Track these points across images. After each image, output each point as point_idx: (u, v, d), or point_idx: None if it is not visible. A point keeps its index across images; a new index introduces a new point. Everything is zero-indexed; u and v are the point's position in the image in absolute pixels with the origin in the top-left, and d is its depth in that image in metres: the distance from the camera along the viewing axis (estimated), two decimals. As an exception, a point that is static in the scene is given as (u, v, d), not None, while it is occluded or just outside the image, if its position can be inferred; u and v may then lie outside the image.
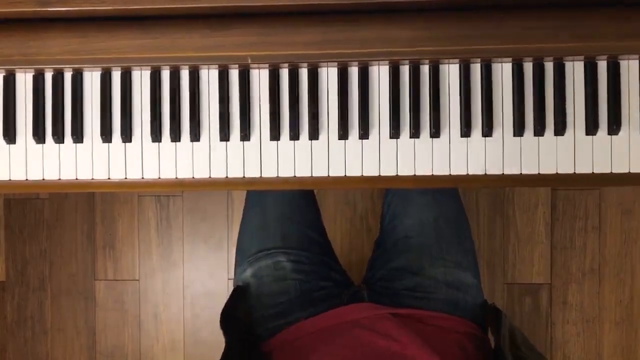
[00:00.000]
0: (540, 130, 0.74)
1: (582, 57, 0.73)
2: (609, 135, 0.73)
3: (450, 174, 0.75)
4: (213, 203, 1.51)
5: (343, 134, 0.75)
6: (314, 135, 0.75)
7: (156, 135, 0.76)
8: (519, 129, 0.74)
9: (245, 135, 0.75)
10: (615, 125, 0.73)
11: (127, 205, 1.52)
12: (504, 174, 0.74)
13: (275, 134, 0.75)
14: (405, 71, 0.75)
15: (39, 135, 0.77)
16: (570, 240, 1.46)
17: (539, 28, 0.70)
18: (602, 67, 0.73)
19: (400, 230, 0.89)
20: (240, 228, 0.95)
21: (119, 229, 1.53)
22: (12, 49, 0.69)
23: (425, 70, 0.74)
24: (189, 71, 0.75)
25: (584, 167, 0.74)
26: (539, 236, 1.47)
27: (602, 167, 0.74)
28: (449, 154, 0.74)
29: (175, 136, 0.76)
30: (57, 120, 0.76)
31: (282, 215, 0.91)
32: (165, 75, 0.76)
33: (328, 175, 0.76)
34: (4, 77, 0.76)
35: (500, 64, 0.74)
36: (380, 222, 0.98)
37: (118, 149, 0.77)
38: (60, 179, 0.77)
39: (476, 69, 0.74)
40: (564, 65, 0.73)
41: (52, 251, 1.54)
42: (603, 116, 0.73)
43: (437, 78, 0.74)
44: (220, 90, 0.75)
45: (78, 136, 0.76)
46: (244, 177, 0.76)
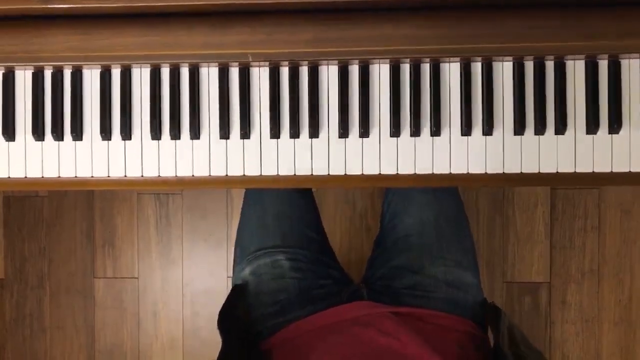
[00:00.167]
0: (540, 129, 0.73)
1: (583, 56, 0.73)
2: (610, 135, 0.73)
3: (451, 173, 0.74)
4: (212, 201, 1.51)
5: (343, 133, 0.75)
6: (314, 133, 0.75)
7: (156, 133, 0.76)
8: (519, 127, 0.74)
9: (245, 133, 0.75)
10: (615, 125, 0.73)
11: (127, 203, 1.52)
12: (504, 172, 0.74)
13: (275, 132, 0.75)
14: (405, 69, 0.74)
15: (38, 133, 0.76)
16: (569, 240, 1.47)
17: (540, 27, 0.70)
18: (603, 66, 0.73)
19: (401, 229, 0.89)
20: (238, 227, 0.95)
21: (118, 227, 1.53)
22: (14, 45, 0.69)
23: (426, 69, 0.74)
24: (189, 69, 0.75)
25: (584, 166, 0.74)
26: (539, 236, 1.47)
27: (602, 166, 0.74)
28: (449, 153, 0.74)
29: (175, 134, 0.76)
30: (57, 118, 0.76)
31: (281, 213, 0.91)
32: (165, 73, 0.76)
33: (328, 174, 0.76)
34: (3, 74, 0.76)
35: (501, 63, 0.74)
36: (380, 221, 0.98)
37: (118, 147, 0.76)
38: (59, 176, 0.77)
39: (477, 68, 0.74)
40: (565, 64, 0.73)
41: (51, 249, 1.54)
42: (604, 115, 0.73)
43: (438, 76, 0.74)
44: (220, 88, 0.75)
45: (77, 134, 0.76)
46: (244, 175, 0.76)
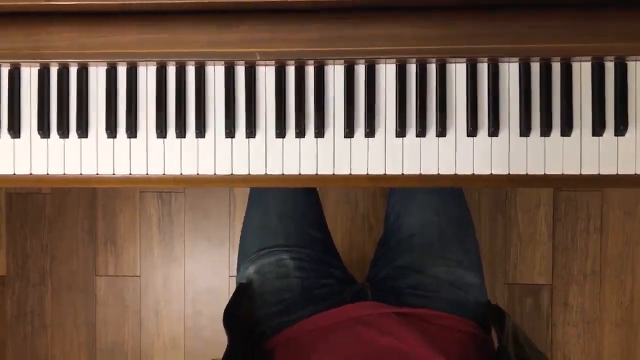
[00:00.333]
0: (546, 131, 0.73)
1: (589, 58, 0.73)
2: (616, 137, 0.73)
3: (456, 174, 0.74)
4: (215, 200, 1.51)
5: (349, 132, 0.75)
6: (319, 133, 0.75)
7: (161, 131, 0.76)
8: (525, 129, 0.73)
9: (251, 132, 0.75)
10: (622, 127, 0.73)
11: (129, 201, 1.52)
12: (510, 174, 0.74)
13: (280, 132, 0.75)
14: (412, 69, 0.74)
15: (43, 130, 0.76)
16: (572, 242, 1.47)
17: (546, 28, 0.70)
18: (610, 68, 0.73)
19: (405, 229, 0.89)
20: (242, 226, 0.95)
21: (120, 225, 1.53)
22: (21, 42, 0.69)
23: (432, 69, 0.74)
24: (195, 67, 0.75)
25: (590, 168, 0.74)
26: (541, 237, 1.47)
27: (608, 168, 0.73)
28: (455, 154, 0.74)
29: (181, 132, 0.76)
30: (62, 115, 0.76)
31: (285, 213, 0.91)
32: (172, 71, 0.76)
33: (333, 174, 0.76)
34: (9, 70, 0.76)
35: (507, 64, 0.74)
36: (384, 221, 0.98)
37: (123, 145, 0.76)
38: (64, 173, 0.77)
39: (483, 68, 0.74)
40: (571, 65, 0.73)
41: (53, 246, 1.54)
42: (610, 117, 0.73)
43: (444, 77, 0.74)
44: (226, 87, 0.75)
45: (83, 131, 0.76)
46: (249, 174, 0.76)
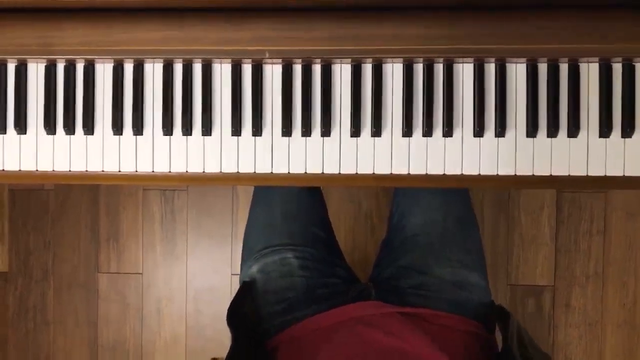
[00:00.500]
0: (553, 132, 0.73)
1: (597, 59, 0.73)
2: (623, 138, 0.73)
3: (462, 174, 0.74)
4: (218, 198, 1.51)
5: (355, 132, 0.75)
6: (326, 132, 0.75)
7: (168, 129, 0.76)
8: (532, 130, 0.73)
9: (257, 130, 0.75)
10: (629, 129, 0.72)
11: (132, 198, 1.52)
12: (516, 174, 0.74)
13: (287, 130, 0.75)
14: (419, 69, 0.74)
15: (50, 126, 0.76)
16: (574, 243, 1.46)
17: (554, 28, 0.69)
18: (617, 70, 0.73)
19: (409, 229, 0.89)
20: (247, 225, 0.95)
21: (123, 222, 1.53)
22: (30, 38, 0.69)
23: (439, 69, 0.74)
24: (202, 65, 0.75)
25: (596, 170, 0.73)
26: (544, 238, 1.47)
27: (614, 169, 0.73)
28: (461, 154, 0.74)
29: (187, 130, 0.76)
30: (69, 112, 0.76)
31: (289, 212, 0.91)
32: (178, 68, 0.75)
33: (339, 173, 0.76)
34: (16, 67, 0.76)
35: (514, 65, 0.74)
36: (388, 221, 0.98)
37: (129, 142, 0.76)
38: (70, 170, 0.77)
39: (490, 69, 0.74)
40: (579, 66, 0.73)
41: (55, 243, 1.54)
42: (617, 119, 0.73)
43: (451, 77, 0.74)
44: (232, 85, 0.75)
45: (89, 128, 0.76)
46: (255, 172, 0.76)
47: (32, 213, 1.54)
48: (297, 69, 0.75)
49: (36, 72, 0.76)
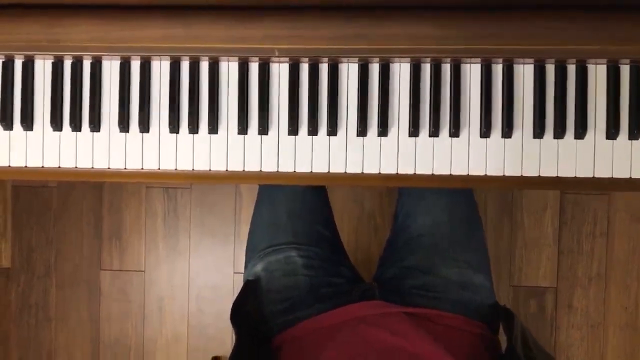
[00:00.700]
0: (560, 133, 0.73)
1: (605, 61, 0.73)
2: (630, 140, 0.73)
3: (469, 174, 0.74)
4: (221, 197, 1.51)
5: (362, 131, 0.75)
6: (332, 131, 0.75)
7: (174, 127, 0.76)
8: (539, 131, 0.73)
9: (264, 129, 0.75)
10: (636, 130, 0.72)
11: (135, 196, 1.52)
12: (522, 175, 0.74)
13: (293, 129, 0.75)
14: (426, 69, 0.74)
15: (56, 123, 0.76)
16: (577, 245, 1.46)
17: (563, 29, 0.69)
18: (625, 71, 0.73)
19: (413, 230, 0.89)
20: (251, 224, 0.95)
21: (126, 220, 1.53)
22: (39, 34, 0.68)
23: (446, 69, 0.74)
24: (209, 63, 0.75)
25: (603, 171, 0.73)
26: (547, 239, 1.47)
27: (621, 171, 0.73)
28: (467, 154, 0.74)
29: (194, 128, 0.75)
30: (75, 108, 0.76)
31: (294, 211, 0.91)
32: (185, 66, 0.75)
33: (345, 172, 0.76)
34: (23, 63, 0.76)
35: (522, 65, 0.74)
36: (393, 221, 0.98)
37: (135, 139, 0.76)
38: (76, 167, 0.77)
39: (498, 70, 0.74)
40: (587, 68, 0.73)
41: (58, 240, 1.54)
42: (624, 121, 0.73)
43: (458, 77, 0.74)
44: (239, 83, 0.75)
45: (95, 125, 0.76)
46: (261, 171, 0.76)
47: (35, 210, 1.54)
48: (304, 68, 0.75)
49: (43, 68, 0.76)
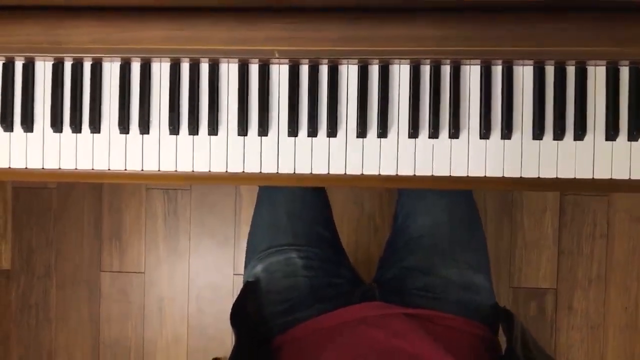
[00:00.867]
0: (559, 135, 0.73)
1: (604, 62, 0.73)
2: (629, 142, 0.73)
3: (468, 176, 0.74)
4: (221, 198, 1.51)
5: (361, 132, 0.75)
6: (332, 132, 0.75)
7: (174, 128, 0.76)
8: (538, 132, 0.73)
9: (263, 130, 0.75)
10: (635, 132, 0.73)
11: (135, 197, 1.52)
12: (521, 177, 0.74)
13: (293, 130, 0.75)
14: (426, 71, 0.74)
15: (56, 125, 0.76)
16: (577, 246, 1.46)
17: (563, 31, 0.69)
18: (625, 73, 0.73)
19: (413, 230, 0.89)
20: (251, 225, 0.95)
21: (126, 221, 1.53)
22: (39, 36, 0.69)
23: (446, 71, 0.74)
24: (209, 64, 0.75)
25: (602, 173, 0.74)
26: (546, 241, 1.47)
27: (620, 173, 0.73)
28: (467, 156, 0.74)
29: (194, 129, 0.76)
30: (75, 110, 0.76)
31: (294, 212, 0.91)
32: (185, 67, 0.76)
33: (345, 173, 0.76)
34: (24, 64, 0.76)
35: (521, 67, 0.74)
36: (392, 222, 0.98)
37: (135, 140, 0.76)
38: (76, 168, 0.77)
39: (497, 71, 0.74)
40: (586, 69, 0.73)
41: (58, 241, 1.54)
42: (624, 122, 0.73)
43: (458, 79, 0.74)
44: (239, 85, 0.75)
45: (95, 126, 0.76)
46: (261, 172, 0.76)
47: (35, 210, 1.54)
48: (304, 69, 0.75)
49: (43, 70, 0.77)
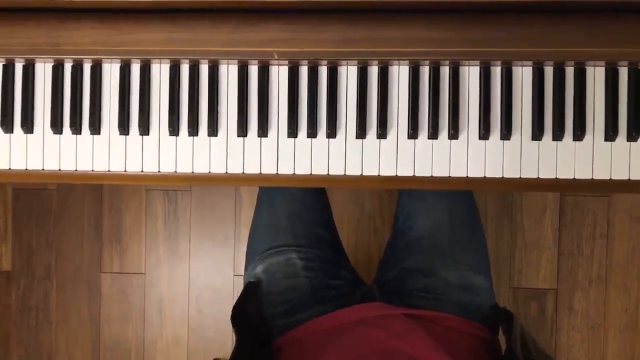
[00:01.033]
0: (559, 135, 0.74)
1: (603, 63, 0.73)
2: (628, 142, 0.73)
3: (468, 176, 0.75)
4: (221, 199, 1.51)
5: (361, 133, 0.75)
6: (331, 133, 0.75)
7: (174, 129, 0.76)
8: (537, 133, 0.73)
9: (263, 131, 0.75)
10: (634, 132, 0.73)
11: (135, 198, 1.52)
12: (521, 177, 0.74)
13: (292, 131, 0.75)
14: (425, 72, 0.75)
15: (56, 126, 0.77)
16: (577, 247, 1.46)
17: (561, 32, 0.69)
18: (623, 73, 0.73)
19: (414, 231, 0.89)
20: (251, 226, 0.95)
21: (126, 222, 1.53)
22: (38, 38, 0.69)
23: (445, 72, 0.74)
24: (209, 66, 0.75)
25: (601, 173, 0.74)
26: (546, 241, 1.47)
27: (620, 173, 0.73)
28: (466, 156, 0.74)
29: (193, 130, 0.76)
30: (75, 111, 0.76)
31: (294, 213, 0.91)
32: (185, 69, 0.76)
33: (344, 174, 0.76)
34: (24, 66, 0.76)
35: (520, 68, 0.74)
36: (393, 222, 0.98)
37: (135, 142, 0.77)
38: (76, 170, 0.77)
39: (496, 72, 0.74)
40: (585, 70, 0.73)
41: (58, 242, 1.54)
42: (623, 122, 0.73)
43: (457, 80, 0.74)
44: (239, 86, 0.75)
45: (95, 128, 0.76)
46: (261, 173, 0.76)
47: (35, 212, 1.54)
48: (304, 71, 0.75)
49: (43, 71, 0.77)
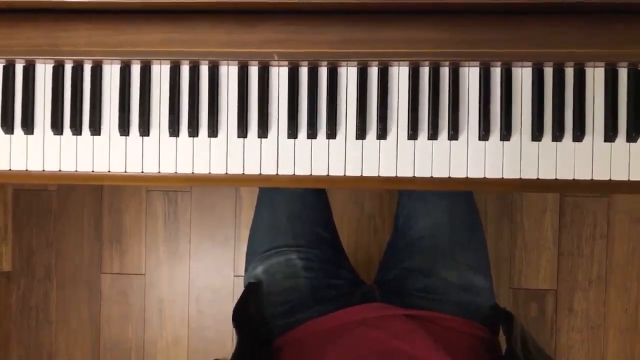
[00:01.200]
0: (558, 136, 0.74)
1: (602, 64, 0.73)
2: (628, 143, 0.73)
3: (467, 177, 0.75)
4: (221, 200, 1.51)
5: (361, 134, 0.75)
6: (331, 134, 0.75)
7: (174, 130, 0.76)
8: (537, 134, 0.74)
9: (263, 132, 0.75)
10: (634, 133, 0.73)
11: (135, 199, 1.53)
12: (521, 178, 0.74)
13: (292, 132, 0.75)
14: (425, 72, 0.75)
15: (57, 127, 0.77)
16: (577, 247, 1.46)
17: (561, 33, 0.70)
18: (623, 74, 0.73)
19: (414, 232, 0.89)
20: (251, 226, 0.95)
21: (126, 223, 1.53)
22: (40, 39, 0.69)
23: (445, 73, 0.74)
24: (209, 67, 0.75)
25: (601, 174, 0.74)
26: (546, 242, 1.47)
27: (619, 174, 0.74)
28: (466, 157, 0.74)
29: (193, 131, 0.76)
30: (76, 112, 0.76)
31: (294, 213, 0.91)
32: (185, 70, 0.76)
33: (344, 175, 0.76)
34: (24, 67, 0.76)
35: (520, 69, 0.74)
36: (393, 223, 0.98)
37: (135, 143, 0.77)
38: (77, 170, 0.77)
39: (496, 73, 0.74)
40: (585, 71, 0.73)
41: (58, 242, 1.54)
42: (622, 123, 0.73)
43: (457, 80, 0.74)
44: (239, 87, 0.75)
45: (96, 128, 0.76)
46: (261, 174, 0.76)
47: (35, 212, 1.54)
48: (304, 72, 0.75)
49: (44, 72, 0.77)
